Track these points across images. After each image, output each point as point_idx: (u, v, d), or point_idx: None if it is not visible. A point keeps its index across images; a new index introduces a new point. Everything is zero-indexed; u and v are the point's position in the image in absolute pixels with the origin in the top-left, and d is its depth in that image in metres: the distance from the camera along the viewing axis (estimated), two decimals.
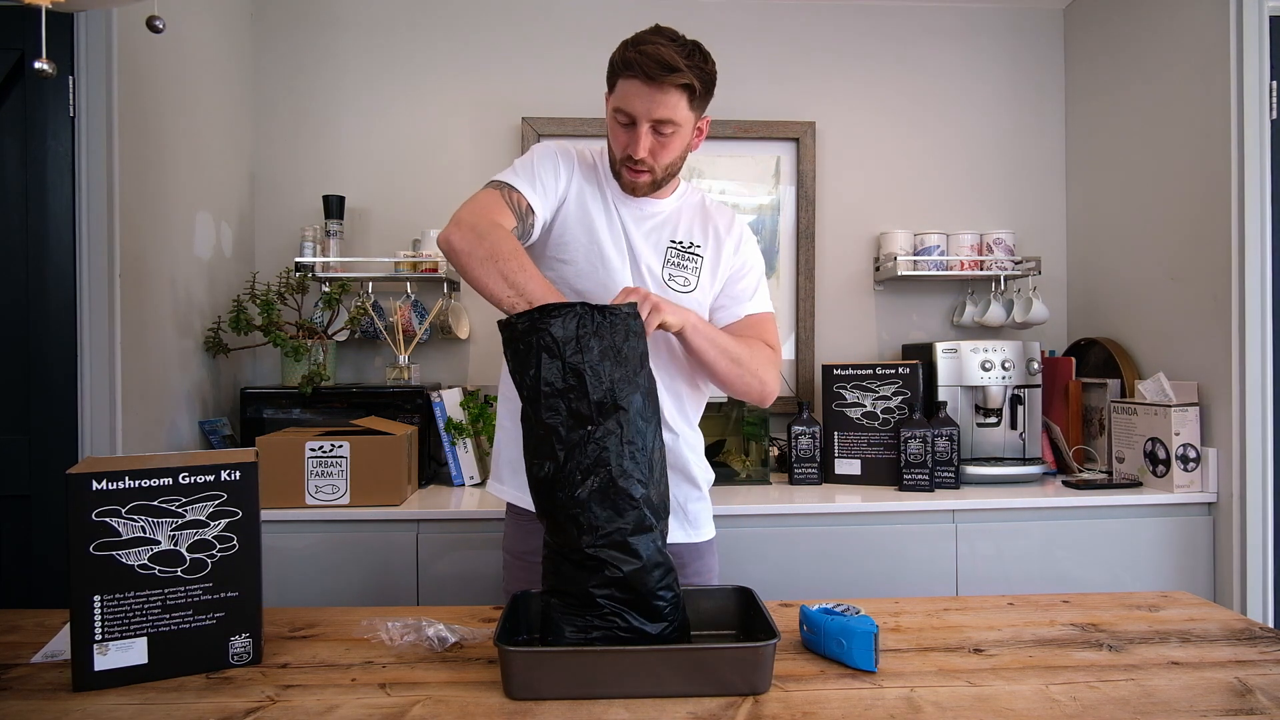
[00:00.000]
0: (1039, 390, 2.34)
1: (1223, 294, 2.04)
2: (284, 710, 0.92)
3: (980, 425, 2.32)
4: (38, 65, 1.41)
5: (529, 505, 1.35)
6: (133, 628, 0.99)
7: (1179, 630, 1.20)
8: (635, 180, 1.33)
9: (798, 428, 2.26)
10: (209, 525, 1.02)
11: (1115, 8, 2.48)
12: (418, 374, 2.40)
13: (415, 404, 2.21)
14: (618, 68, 1.27)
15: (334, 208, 2.45)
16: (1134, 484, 2.17)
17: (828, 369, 2.31)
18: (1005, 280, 2.57)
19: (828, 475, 2.29)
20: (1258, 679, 1.01)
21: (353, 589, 1.89)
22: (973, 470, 2.22)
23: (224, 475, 1.03)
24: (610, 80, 1.30)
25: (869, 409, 2.26)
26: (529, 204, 1.28)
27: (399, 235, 2.57)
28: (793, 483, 2.26)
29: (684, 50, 1.24)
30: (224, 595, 1.03)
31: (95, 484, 0.97)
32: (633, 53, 1.23)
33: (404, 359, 2.37)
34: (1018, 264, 2.54)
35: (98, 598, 0.97)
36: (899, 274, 2.52)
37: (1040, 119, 2.74)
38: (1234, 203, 2.00)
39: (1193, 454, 2.08)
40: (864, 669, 1.03)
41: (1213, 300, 2.08)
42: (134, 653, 0.99)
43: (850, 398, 2.28)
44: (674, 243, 1.39)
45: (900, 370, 2.24)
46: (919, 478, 2.14)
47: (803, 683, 1.00)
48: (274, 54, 2.58)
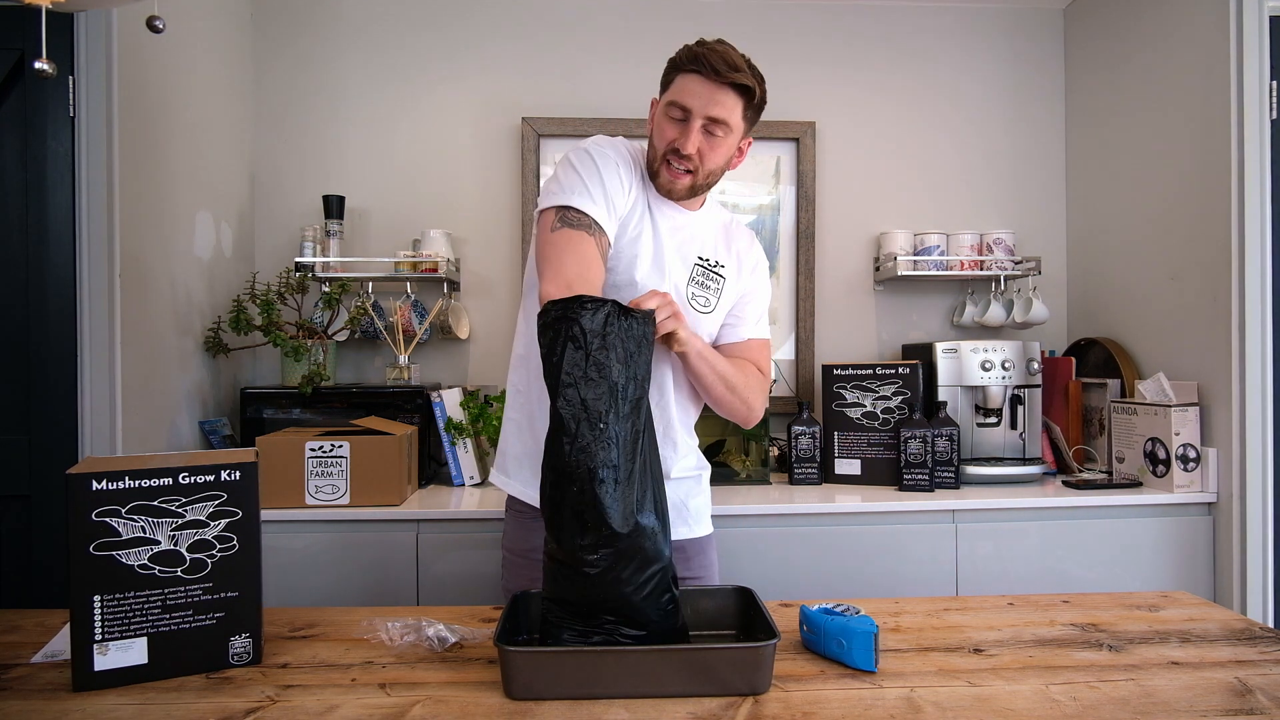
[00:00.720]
0: (1039, 390, 2.34)
1: (1223, 294, 2.04)
2: (284, 710, 0.92)
3: (980, 425, 2.32)
4: (38, 65, 1.40)
5: (531, 500, 1.36)
6: (133, 628, 0.99)
7: (1179, 630, 1.20)
8: (676, 180, 1.32)
9: (798, 428, 2.26)
10: (209, 525, 1.02)
11: (1115, 8, 2.47)
12: (418, 374, 2.40)
13: (415, 404, 2.21)
14: (680, 63, 1.30)
15: (334, 207, 2.45)
16: (1134, 484, 2.17)
17: (828, 369, 2.31)
18: (1005, 280, 2.57)
19: (828, 475, 2.29)
20: (1258, 679, 1.01)
21: (353, 589, 1.89)
22: (973, 470, 2.22)
23: (224, 475, 1.03)
24: (666, 79, 1.33)
25: (869, 409, 2.26)
26: (609, 241, 1.26)
27: (399, 235, 2.58)
28: (793, 483, 2.26)
29: (745, 60, 1.29)
30: (224, 595, 1.03)
31: (95, 484, 0.97)
32: (699, 49, 1.27)
33: (404, 359, 2.37)
34: (1018, 264, 2.54)
35: (98, 598, 0.97)
36: (899, 274, 2.52)
37: (1040, 119, 2.74)
38: (1234, 203, 2.00)
39: (1193, 454, 2.08)
40: (864, 669, 1.03)
41: (1213, 300, 2.08)
42: (134, 653, 0.99)
43: (850, 398, 2.28)
44: (701, 259, 1.39)
45: (900, 370, 2.24)
46: (919, 478, 2.14)
47: (803, 683, 1.00)
48: (274, 54, 2.58)
